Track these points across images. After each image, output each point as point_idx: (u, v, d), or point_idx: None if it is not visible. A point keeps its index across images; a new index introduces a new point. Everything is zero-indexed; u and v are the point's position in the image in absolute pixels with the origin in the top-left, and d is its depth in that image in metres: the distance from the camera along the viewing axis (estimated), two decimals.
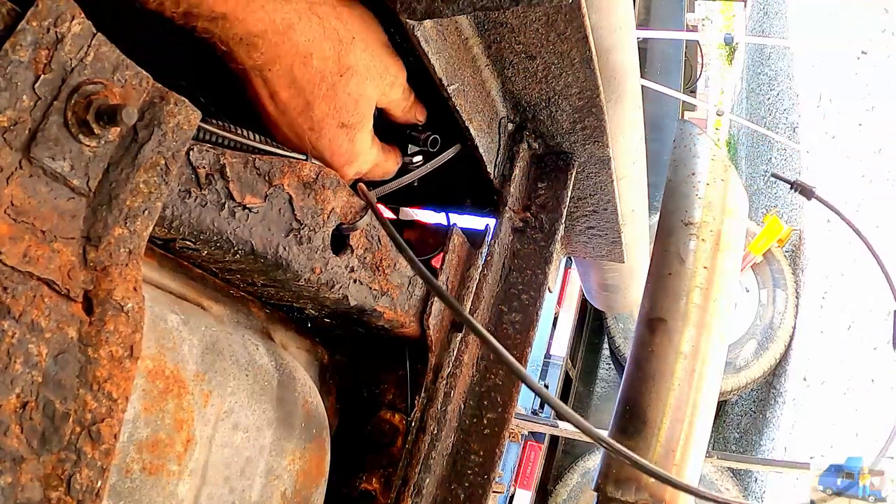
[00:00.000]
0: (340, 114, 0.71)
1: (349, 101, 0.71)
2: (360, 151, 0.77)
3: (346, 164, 0.77)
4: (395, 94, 0.79)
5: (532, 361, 4.90)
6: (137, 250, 0.51)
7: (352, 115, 0.73)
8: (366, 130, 0.76)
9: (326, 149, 0.73)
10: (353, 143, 0.75)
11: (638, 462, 0.73)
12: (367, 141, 0.78)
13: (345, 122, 0.72)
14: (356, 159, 0.77)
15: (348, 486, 1.07)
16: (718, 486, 4.85)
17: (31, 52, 0.42)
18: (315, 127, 0.71)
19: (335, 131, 0.72)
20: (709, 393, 1.08)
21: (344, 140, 0.74)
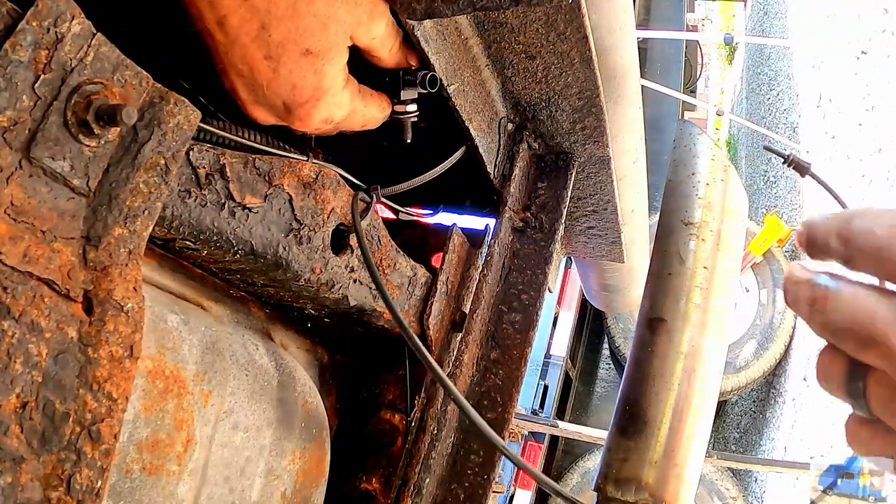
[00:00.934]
0: (304, 38, 0.59)
1: (315, 24, 0.59)
2: (329, 88, 0.63)
3: (312, 103, 0.63)
4: (377, 28, 0.66)
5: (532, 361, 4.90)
6: (137, 250, 0.51)
7: (318, 41, 0.59)
8: (336, 63, 0.63)
9: (286, 82, 0.60)
10: (320, 75, 0.61)
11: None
12: (339, 77, 0.64)
13: (310, 49, 0.59)
14: (324, 96, 0.63)
15: (348, 486, 1.07)
16: (718, 486, 4.85)
17: (31, 52, 0.42)
18: (273, 54, 0.58)
19: (297, 60, 0.59)
20: (709, 393, 1.08)
21: (308, 71, 0.60)
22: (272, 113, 0.63)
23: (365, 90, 0.72)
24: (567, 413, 5.85)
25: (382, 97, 0.75)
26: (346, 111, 0.68)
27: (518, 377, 1.09)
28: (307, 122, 0.64)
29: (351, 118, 0.70)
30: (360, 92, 0.70)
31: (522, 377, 1.10)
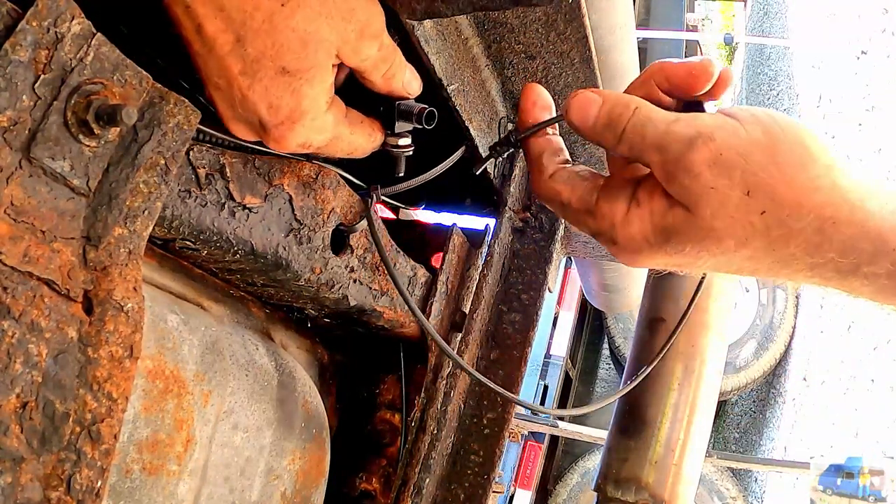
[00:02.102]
0: (280, 55, 0.55)
1: (293, 40, 0.55)
2: (308, 110, 0.58)
3: (287, 125, 0.58)
4: (367, 49, 0.60)
5: (532, 361, 4.90)
6: (137, 250, 0.51)
7: (296, 59, 0.55)
8: (317, 84, 0.58)
9: (261, 100, 0.56)
10: (298, 96, 0.57)
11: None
12: (320, 99, 0.59)
13: (287, 68, 0.55)
14: (301, 119, 0.58)
15: (348, 486, 1.07)
16: (718, 485, 4.85)
17: (31, 52, 0.42)
18: (248, 70, 0.55)
19: (273, 78, 0.55)
20: (709, 393, 1.08)
21: (284, 90, 0.56)
22: (250, 130, 0.59)
23: (354, 116, 0.66)
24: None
25: (374, 125, 0.68)
26: (327, 136, 0.62)
27: (518, 377, 1.09)
28: (283, 143, 0.60)
29: (334, 144, 0.64)
30: (346, 117, 0.64)
31: (522, 377, 1.10)
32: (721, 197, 0.54)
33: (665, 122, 0.57)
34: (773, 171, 0.53)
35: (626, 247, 0.60)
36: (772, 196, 0.53)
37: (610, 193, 0.61)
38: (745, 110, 0.57)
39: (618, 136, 0.59)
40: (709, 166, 0.54)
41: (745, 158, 0.54)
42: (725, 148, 0.54)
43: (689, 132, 0.55)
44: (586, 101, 0.61)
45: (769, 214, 0.53)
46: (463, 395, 1.07)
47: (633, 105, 0.59)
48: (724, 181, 0.54)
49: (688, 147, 0.55)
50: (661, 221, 0.57)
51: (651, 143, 0.57)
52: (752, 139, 0.54)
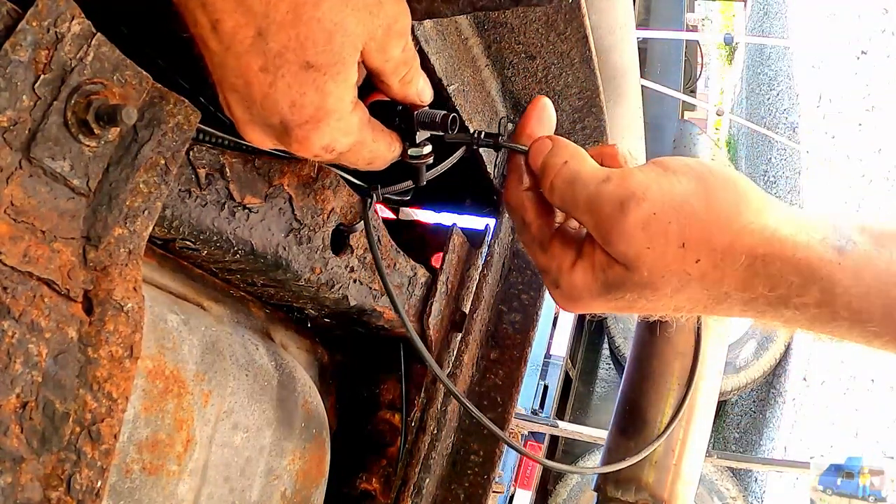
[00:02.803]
0: (305, 48, 0.51)
1: (318, 32, 0.51)
2: (334, 109, 0.54)
3: (312, 124, 0.54)
4: (393, 48, 0.56)
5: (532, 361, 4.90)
6: (137, 250, 0.51)
7: (321, 53, 0.51)
8: (343, 82, 0.54)
9: (284, 97, 0.52)
10: (323, 93, 0.53)
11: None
12: (346, 98, 0.55)
13: (311, 62, 0.51)
14: (326, 118, 0.55)
15: (348, 486, 1.07)
16: (718, 485, 4.85)
17: (31, 52, 0.42)
18: (269, 66, 0.51)
19: (297, 73, 0.52)
20: (709, 393, 1.08)
21: (309, 87, 0.52)
22: (269, 134, 0.56)
23: (376, 123, 0.62)
24: (567, 413, 5.85)
25: (393, 135, 0.65)
26: (351, 140, 0.58)
27: (518, 377, 1.09)
28: (306, 145, 0.56)
29: (357, 150, 0.61)
30: (370, 122, 0.61)
31: (522, 377, 1.11)
32: (656, 254, 0.55)
33: (595, 181, 0.58)
34: (707, 218, 0.55)
35: (568, 294, 0.62)
36: (706, 243, 0.55)
37: (565, 235, 0.63)
38: (677, 160, 0.58)
39: (549, 189, 0.61)
40: (642, 228, 0.55)
41: (679, 211, 0.55)
42: (658, 206, 0.55)
43: (619, 193, 0.56)
44: (539, 146, 0.64)
45: (704, 261, 0.55)
46: (463, 395, 1.07)
47: (563, 157, 0.61)
48: (659, 239, 0.55)
49: (619, 210, 0.55)
50: (602, 276, 0.59)
51: (582, 204, 0.58)
52: (686, 189, 0.56)
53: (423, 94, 0.64)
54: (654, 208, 0.55)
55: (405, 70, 0.59)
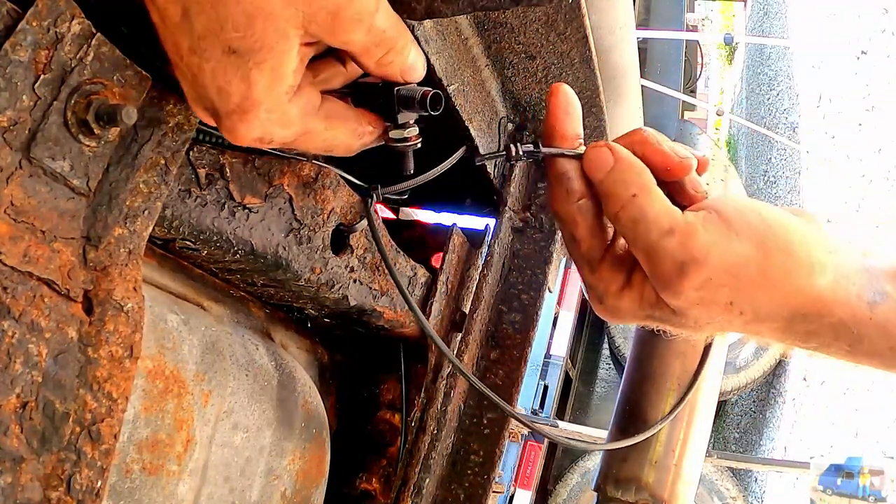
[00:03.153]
0: (226, 32, 0.47)
1: (237, 15, 0.47)
2: (261, 100, 0.50)
3: (239, 115, 0.50)
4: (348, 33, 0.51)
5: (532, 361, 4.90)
6: (137, 250, 0.51)
7: (242, 38, 0.47)
8: (270, 71, 0.49)
9: (210, 83, 0.49)
10: (248, 83, 0.49)
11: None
12: (276, 88, 0.50)
13: (233, 48, 0.48)
14: (253, 109, 0.50)
15: (348, 486, 1.07)
16: (718, 485, 4.85)
17: (31, 52, 0.42)
18: (196, 48, 0.48)
19: (220, 58, 0.48)
20: (709, 393, 1.08)
21: (233, 75, 0.48)
22: (208, 114, 0.53)
23: (333, 108, 0.56)
24: (567, 413, 5.85)
25: (363, 118, 0.59)
26: (292, 132, 0.53)
27: (518, 377, 1.09)
28: (235, 135, 0.52)
29: (306, 140, 0.55)
30: (321, 109, 0.55)
31: (522, 377, 1.10)
32: (705, 310, 0.58)
33: (658, 231, 0.57)
34: (760, 283, 0.57)
35: (611, 311, 0.63)
36: (753, 303, 0.57)
37: (616, 258, 0.62)
38: (740, 215, 0.58)
39: (612, 214, 0.60)
40: (696, 290, 0.56)
41: (735, 277, 0.56)
42: (716, 271, 0.56)
43: (680, 255, 0.56)
44: (600, 160, 0.61)
45: (748, 315, 0.58)
46: (463, 395, 1.07)
47: (631, 188, 0.59)
48: (709, 299, 0.57)
49: (678, 273, 0.56)
50: (648, 310, 0.61)
51: (641, 247, 0.58)
52: (745, 255, 0.57)
53: (409, 71, 0.57)
54: (711, 273, 0.56)
55: (380, 52, 0.53)
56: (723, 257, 0.56)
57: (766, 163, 6.84)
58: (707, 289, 0.56)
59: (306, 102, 0.53)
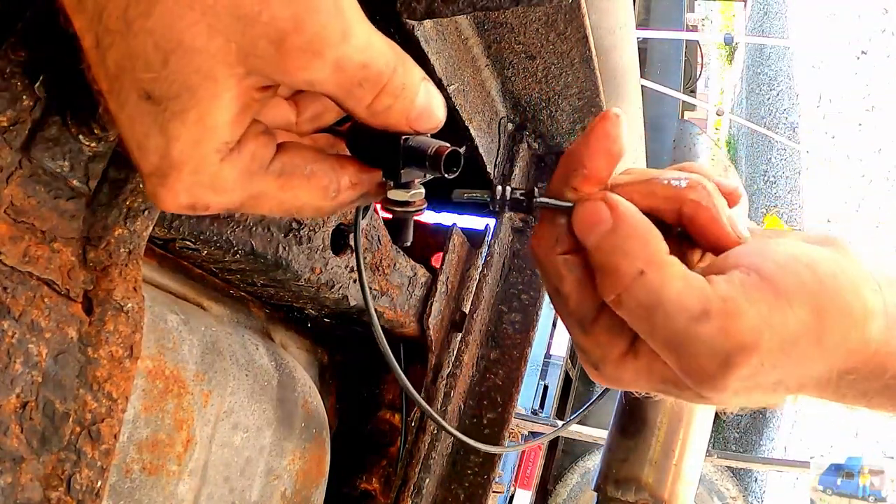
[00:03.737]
0: (138, 71, 0.37)
1: (149, 51, 0.36)
2: (183, 160, 0.39)
3: (158, 179, 0.40)
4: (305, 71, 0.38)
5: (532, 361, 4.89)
6: (137, 250, 0.51)
7: (157, 81, 0.37)
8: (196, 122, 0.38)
9: (130, 135, 0.39)
10: (167, 137, 0.38)
11: None
12: (205, 145, 0.39)
13: (148, 92, 0.37)
14: (174, 173, 0.39)
15: (348, 486, 1.07)
16: (718, 485, 4.85)
17: (31, 52, 0.42)
18: (112, 90, 0.38)
19: (137, 104, 0.38)
20: None
21: (150, 126, 0.38)
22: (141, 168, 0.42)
23: (293, 162, 0.44)
24: (567, 413, 5.85)
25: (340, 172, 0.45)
26: (231, 198, 0.42)
27: (518, 377, 1.09)
28: (158, 202, 0.41)
29: (255, 205, 0.44)
30: (272, 166, 0.43)
31: (522, 377, 1.10)
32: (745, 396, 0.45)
33: (686, 317, 0.42)
34: (814, 355, 0.44)
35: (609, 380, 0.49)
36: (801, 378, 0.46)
37: (613, 320, 0.47)
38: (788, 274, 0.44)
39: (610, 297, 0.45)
40: (743, 380, 0.43)
41: (788, 357, 0.43)
42: (767, 355, 0.43)
43: (724, 345, 0.42)
44: (595, 218, 0.45)
45: (783, 383, 0.46)
46: (463, 395, 1.07)
47: (637, 263, 0.44)
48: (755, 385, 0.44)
49: (721, 367, 0.42)
50: (661, 385, 0.47)
51: (662, 339, 0.43)
52: (800, 327, 0.43)
53: (420, 119, 0.43)
54: (763, 359, 0.43)
55: (368, 95, 0.40)
56: (774, 336, 0.42)
57: (766, 163, 6.84)
58: (758, 376, 0.43)
59: (250, 161, 0.41)
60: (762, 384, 0.44)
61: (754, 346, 0.42)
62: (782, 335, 0.43)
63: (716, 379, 0.43)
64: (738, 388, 0.43)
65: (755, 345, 0.42)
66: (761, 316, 0.42)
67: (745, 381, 0.43)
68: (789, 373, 0.44)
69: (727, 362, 0.42)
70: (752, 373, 0.43)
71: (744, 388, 0.44)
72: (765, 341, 0.42)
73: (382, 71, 0.40)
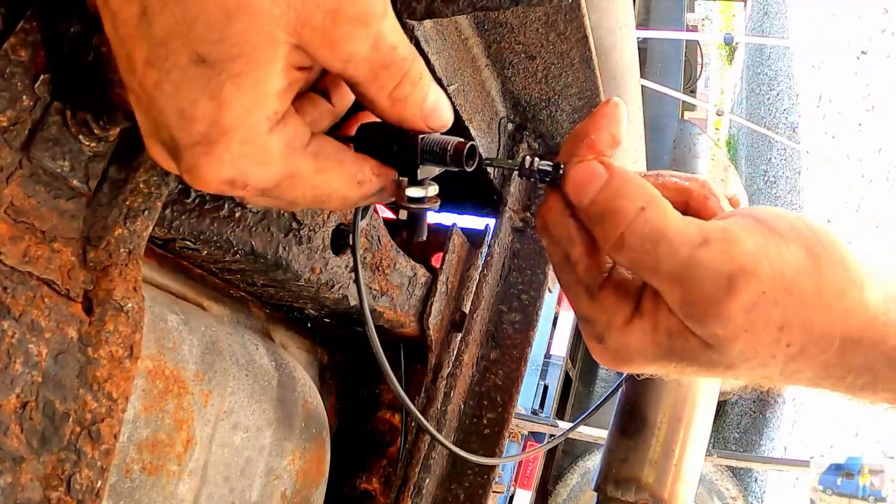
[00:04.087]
0: (194, 34, 0.36)
1: (214, 12, 0.36)
2: (235, 128, 0.38)
3: (205, 147, 0.39)
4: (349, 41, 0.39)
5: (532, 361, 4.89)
6: (137, 250, 0.51)
7: (218, 44, 0.37)
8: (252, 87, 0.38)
9: (170, 104, 0.38)
10: (220, 101, 0.38)
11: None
12: (257, 111, 0.39)
13: (203, 56, 0.37)
14: (223, 140, 0.38)
15: (348, 486, 1.07)
16: (718, 485, 4.85)
17: (31, 52, 0.42)
18: (154, 59, 0.37)
19: (185, 70, 0.37)
20: (708, 393, 1.08)
21: (200, 91, 0.37)
22: (164, 155, 0.41)
23: (330, 147, 0.44)
24: (567, 413, 5.85)
25: (363, 163, 0.46)
26: (272, 173, 0.41)
27: (518, 377, 1.09)
28: (198, 177, 0.40)
29: (290, 187, 0.43)
30: (310, 147, 0.43)
31: (522, 377, 1.11)
32: (751, 337, 0.45)
33: (688, 244, 0.44)
34: (813, 301, 0.45)
35: (614, 353, 0.49)
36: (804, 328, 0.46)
37: (620, 283, 0.49)
38: (779, 218, 0.47)
39: (613, 240, 0.46)
40: (747, 311, 0.44)
41: (789, 292, 0.45)
42: (768, 284, 0.44)
43: (726, 266, 0.44)
44: (588, 176, 0.47)
45: (795, 346, 0.46)
46: (463, 395, 1.07)
47: (638, 202, 0.45)
48: (760, 322, 0.45)
49: (726, 290, 0.44)
50: (667, 343, 0.47)
51: (667, 272, 0.45)
52: (797, 264, 0.45)
53: (433, 114, 0.45)
54: (764, 286, 0.44)
55: (392, 80, 0.42)
56: (773, 267, 0.44)
57: (766, 163, 6.84)
58: (759, 308, 0.44)
59: (293, 135, 0.41)
60: (769, 323, 0.45)
61: (754, 269, 0.44)
62: (780, 267, 0.44)
63: (720, 304, 0.44)
64: (743, 322, 0.44)
65: (755, 269, 0.44)
66: (758, 245, 0.45)
67: (751, 314, 0.44)
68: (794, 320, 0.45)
69: (730, 284, 0.43)
70: (755, 300, 0.44)
71: (750, 323, 0.44)
72: (763, 268, 0.44)
73: (406, 57, 0.41)
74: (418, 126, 0.45)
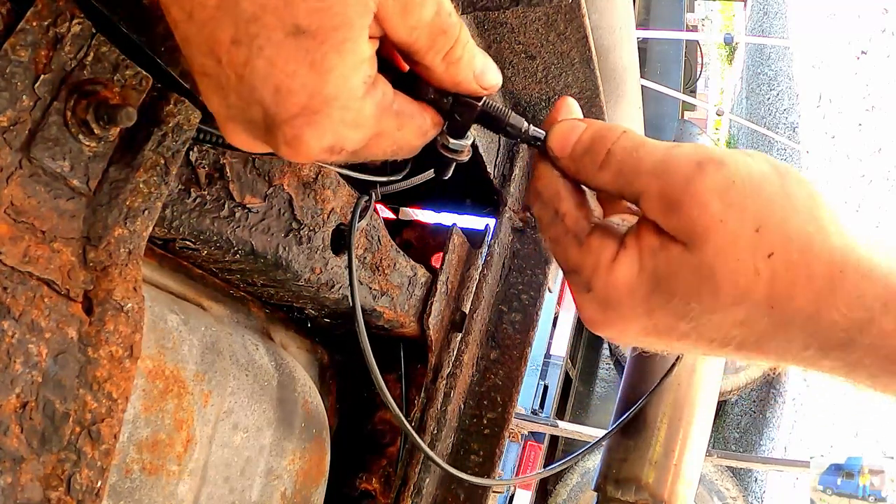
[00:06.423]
0: (293, 6, 0.37)
1: None
2: (337, 94, 0.40)
3: (306, 117, 0.40)
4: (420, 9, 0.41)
5: (532, 361, 4.90)
6: (137, 250, 0.51)
7: (318, 13, 0.37)
8: (352, 53, 0.39)
9: (264, 82, 0.38)
10: (321, 71, 0.39)
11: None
12: (353, 78, 0.40)
13: (301, 26, 0.37)
14: (326, 108, 0.40)
15: (348, 486, 1.07)
16: (718, 485, 4.85)
17: (31, 52, 0.42)
18: (242, 37, 0.37)
19: (281, 44, 0.38)
20: (709, 393, 1.08)
21: (300, 63, 0.38)
22: (252, 133, 0.42)
23: (404, 103, 0.46)
24: (567, 413, 5.85)
25: (426, 114, 0.48)
26: (365, 135, 0.43)
27: (518, 377, 1.09)
28: (300, 148, 0.40)
29: (374, 145, 0.45)
30: (392, 105, 0.45)
31: (522, 377, 1.11)
32: (730, 233, 0.45)
33: (663, 148, 0.49)
34: (785, 205, 0.46)
35: (602, 298, 0.50)
36: (783, 233, 0.46)
37: (606, 229, 0.52)
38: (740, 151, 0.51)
39: (600, 161, 0.50)
40: (719, 195, 0.46)
41: (759, 190, 0.46)
42: (738, 175, 0.46)
43: (697, 154, 0.47)
44: (569, 127, 0.52)
45: (777, 257, 0.45)
46: (463, 395, 1.07)
47: (620, 128, 0.51)
48: (736, 213, 0.46)
49: (696, 171, 0.46)
50: (651, 262, 0.48)
51: (648, 168, 0.48)
52: (763, 171, 0.47)
53: (486, 76, 0.47)
54: (734, 177, 0.46)
55: (447, 43, 0.44)
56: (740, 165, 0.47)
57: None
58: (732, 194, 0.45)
59: (382, 97, 0.43)
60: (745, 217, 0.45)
61: (721, 160, 0.47)
62: (746, 167, 0.47)
63: (692, 182, 0.46)
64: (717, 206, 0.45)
65: (721, 160, 0.47)
66: (726, 151, 0.48)
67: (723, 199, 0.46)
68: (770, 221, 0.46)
69: (701, 166, 0.46)
70: (725, 184, 0.46)
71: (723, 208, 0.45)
72: (730, 160, 0.47)
73: (457, 22, 0.44)
74: (472, 87, 0.47)
